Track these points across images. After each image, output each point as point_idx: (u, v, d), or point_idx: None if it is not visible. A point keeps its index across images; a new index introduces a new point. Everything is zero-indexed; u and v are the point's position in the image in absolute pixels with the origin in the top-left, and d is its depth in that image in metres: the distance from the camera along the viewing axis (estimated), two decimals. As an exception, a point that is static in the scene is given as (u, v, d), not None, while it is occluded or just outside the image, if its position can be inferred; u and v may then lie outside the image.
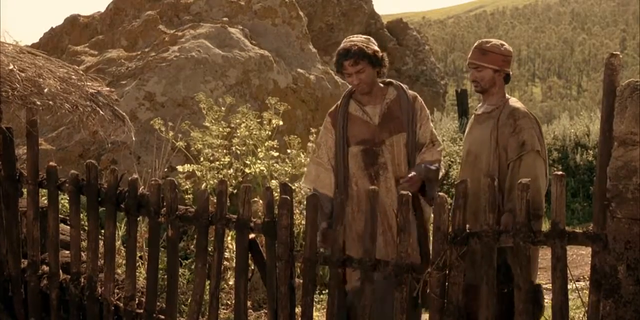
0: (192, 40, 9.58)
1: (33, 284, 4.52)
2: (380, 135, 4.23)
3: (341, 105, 4.32)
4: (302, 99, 10.13)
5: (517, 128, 4.04)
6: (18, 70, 4.48)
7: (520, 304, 3.33)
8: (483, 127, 4.16)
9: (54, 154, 8.14)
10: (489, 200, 3.35)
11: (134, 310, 4.22)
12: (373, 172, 4.23)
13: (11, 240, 4.59)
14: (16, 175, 4.60)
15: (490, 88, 4.19)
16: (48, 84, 4.54)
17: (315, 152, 4.40)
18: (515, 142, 4.02)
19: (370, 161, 4.23)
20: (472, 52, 4.19)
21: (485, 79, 4.16)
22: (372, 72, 4.21)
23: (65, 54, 10.68)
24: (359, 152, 4.25)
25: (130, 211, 4.23)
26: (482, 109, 4.27)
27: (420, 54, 19.57)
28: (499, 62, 4.14)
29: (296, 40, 10.88)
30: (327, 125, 4.35)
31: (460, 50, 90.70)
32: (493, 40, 4.24)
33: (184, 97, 8.84)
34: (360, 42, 4.18)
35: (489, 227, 3.34)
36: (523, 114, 4.09)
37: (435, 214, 3.38)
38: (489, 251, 3.37)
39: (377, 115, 4.26)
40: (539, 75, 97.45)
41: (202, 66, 9.14)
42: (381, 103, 4.27)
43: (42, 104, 4.43)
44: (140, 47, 10.35)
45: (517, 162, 4.02)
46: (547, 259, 5.40)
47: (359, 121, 4.27)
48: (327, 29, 17.15)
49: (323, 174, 4.32)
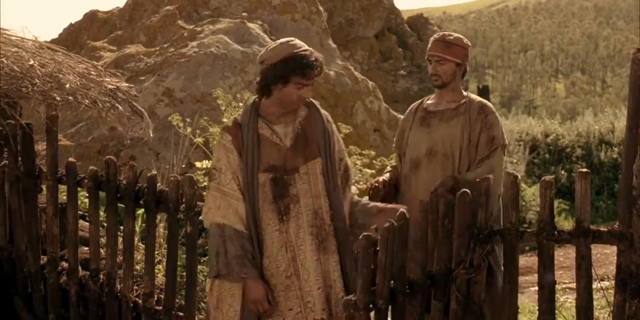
0: (211, 35, 9.57)
1: (52, 281, 4.52)
2: (293, 161, 3.42)
3: (249, 122, 3.43)
4: (322, 95, 10.08)
5: (487, 123, 3.95)
6: (38, 66, 4.48)
7: (544, 304, 3.28)
8: (451, 125, 3.99)
9: (73, 149, 8.16)
10: (512, 198, 3.29)
11: (153, 307, 4.21)
12: (282, 206, 3.40)
13: (30, 237, 4.60)
14: (35, 171, 4.61)
15: (450, 83, 4.03)
16: (68, 79, 4.54)
17: (216, 178, 3.40)
18: (486, 138, 3.93)
19: (280, 193, 3.40)
20: (434, 44, 4.02)
21: (448, 72, 4.00)
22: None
23: (84, 49, 10.71)
24: (267, 181, 3.40)
25: (149, 207, 4.21)
26: (442, 106, 4.06)
27: (440, 50, 19.43)
28: (461, 56, 4.00)
29: (316, 36, 10.84)
30: (226, 145, 3.41)
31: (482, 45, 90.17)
32: (455, 34, 4.08)
33: (202, 93, 8.83)
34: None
35: (512, 226, 3.29)
36: (491, 110, 4.01)
37: (458, 212, 3.32)
38: (511, 250, 3.32)
39: (289, 136, 3.44)
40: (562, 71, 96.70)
41: (221, 62, 9.12)
42: (293, 122, 3.46)
43: (61, 99, 4.44)
44: (159, 42, 10.35)
45: (486, 158, 3.95)
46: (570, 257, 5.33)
47: (268, 143, 3.42)
48: (347, 24, 17.08)
49: (235, 204, 3.37)
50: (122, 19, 12.18)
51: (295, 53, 3.31)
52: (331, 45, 11.11)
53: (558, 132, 15.85)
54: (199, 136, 6.82)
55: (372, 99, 10.83)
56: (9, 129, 4.53)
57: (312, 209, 3.42)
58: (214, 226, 3.36)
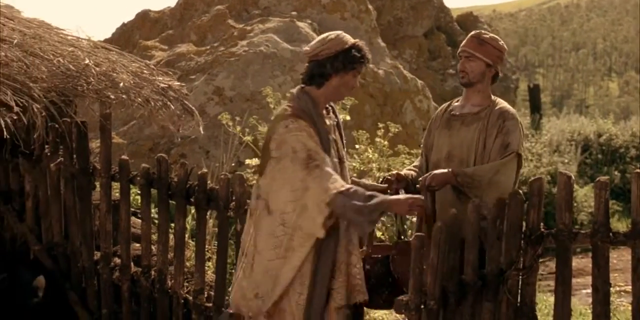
0: (261, 34, 9.62)
1: (105, 276, 4.60)
2: (341, 151, 3.60)
3: (315, 110, 3.49)
4: (370, 94, 10.05)
5: (504, 129, 3.72)
6: (93, 65, 4.55)
7: (598, 306, 3.22)
8: (470, 130, 3.79)
9: (126, 147, 8.29)
10: (565, 198, 3.24)
11: (203, 304, 4.24)
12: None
13: (84, 233, 4.68)
14: (90, 168, 4.68)
15: (477, 83, 3.81)
16: (121, 78, 4.60)
17: (316, 159, 3.35)
18: (500, 144, 3.69)
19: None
20: (468, 39, 3.84)
21: (476, 71, 3.79)
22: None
23: (136, 48, 10.86)
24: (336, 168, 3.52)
25: (199, 205, 4.26)
26: (466, 109, 3.86)
27: (490, 48, 19.21)
28: (493, 57, 3.80)
29: (365, 34, 10.80)
30: (306, 129, 3.38)
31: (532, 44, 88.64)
32: (492, 34, 3.89)
33: (252, 91, 8.88)
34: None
35: (565, 227, 3.23)
36: (512, 116, 3.76)
37: (509, 213, 3.28)
38: (564, 251, 3.26)
39: (332, 128, 3.59)
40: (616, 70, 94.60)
41: (271, 61, 9.16)
42: (329, 115, 3.61)
43: (115, 98, 4.50)
44: (209, 41, 10.44)
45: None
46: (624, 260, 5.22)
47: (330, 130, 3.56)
48: (396, 23, 16.99)
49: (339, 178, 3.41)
50: (173, 19, 12.32)
51: (354, 44, 3.50)
52: (380, 44, 11.07)
53: (611, 131, 15.54)
54: (249, 135, 6.86)
55: (421, 97, 10.76)
56: (64, 126, 4.61)
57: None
58: (339, 197, 3.27)
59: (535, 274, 3.26)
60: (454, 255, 3.27)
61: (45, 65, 4.40)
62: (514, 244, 3.26)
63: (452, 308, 3.30)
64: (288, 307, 3.43)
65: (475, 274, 3.30)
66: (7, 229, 4.96)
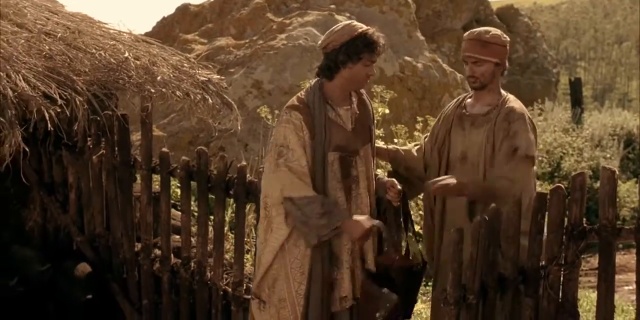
0: (300, 28, 9.63)
1: (146, 267, 4.65)
2: (354, 143, 3.55)
3: (318, 103, 3.50)
4: (409, 88, 10.01)
5: (510, 132, 3.55)
6: (133, 58, 4.59)
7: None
8: (480, 133, 3.64)
9: (165, 140, 8.37)
10: (608, 194, 3.19)
11: (242, 295, 4.27)
12: (347, 185, 3.53)
13: (126, 224, 4.74)
14: (131, 161, 4.73)
15: (489, 83, 3.68)
16: (161, 71, 4.64)
17: (284, 155, 3.44)
18: (507, 148, 3.55)
19: (345, 172, 3.52)
20: (469, 43, 3.66)
21: (486, 74, 3.64)
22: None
23: (176, 42, 10.95)
24: (336, 160, 3.50)
25: (238, 198, 4.28)
26: (476, 109, 3.73)
27: (531, 41, 18.98)
28: (500, 55, 3.65)
29: (404, 28, 10.75)
30: (296, 123, 3.43)
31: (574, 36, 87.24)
32: (492, 30, 3.69)
33: (290, 84, 8.90)
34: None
35: (609, 222, 3.18)
36: (517, 116, 3.60)
37: (553, 208, 3.24)
38: (607, 247, 3.21)
39: (350, 119, 3.57)
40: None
41: (309, 54, 9.17)
42: (351, 106, 3.58)
43: (155, 91, 4.54)
44: (248, 35, 10.49)
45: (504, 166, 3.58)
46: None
47: (334, 125, 3.52)
48: (435, 16, 16.87)
49: (304, 179, 3.43)
50: (213, 12, 12.39)
51: (361, 32, 3.45)
52: (419, 37, 11.01)
53: (654, 126, 15.24)
54: (287, 128, 6.86)
55: (460, 91, 10.67)
56: (106, 119, 4.67)
57: (368, 191, 3.58)
58: (288, 203, 3.42)
59: (577, 270, 3.21)
60: (493, 249, 3.25)
61: (87, 58, 4.46)
62: (556, 239, 3.22)
63: (492, 303, 3.27)
64: (288, 296, 3.49)
65: (515, 269, 3.27)
66: (50, 220, 5.04)
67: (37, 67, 4.15)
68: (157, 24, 13.57)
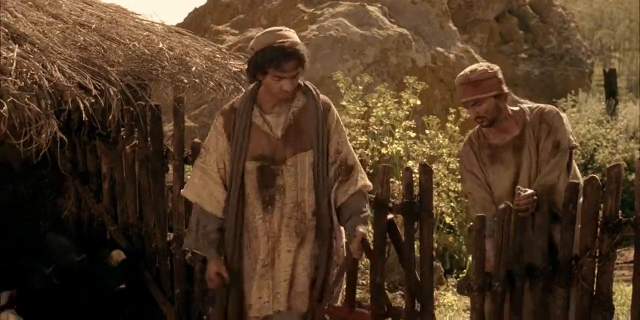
0: (331, 18, 9.60)
1: (178, 257, 4.67)
2: (282, 152, 3.42)
3: (244, 108, 3.44)
4: (441, 79, 9.94)
5: (551, 128, 3.53)
6: (167, 49, 4.63)
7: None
8: (525, 151, 3.58)
9: (197, 131, 8.42)
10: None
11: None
12: (268, 195, 3.43)
13: (158, 214, 4.77)
14: (163, 151, 4.76)
15: (499, 115, 3.58)
16: (194, 62, 4.67)
17: (202, 157, 3.54)
18: (550, 144, 3.53)
19: (266, 182, 3.43)
20: (460, 89, 3.58)
21: (490, 110, 3.54)
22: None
23: (208, 33, 10.99)
24: (254, 170, 3.44)
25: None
26: (507, 137, 3.63)
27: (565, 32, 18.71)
28: (495, 86, 3.55)
29: (435, 18, 10.67)
30: (217, 127, 3.50)
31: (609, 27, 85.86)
32: (475, 67, 3.60)
33: (321, 76, 8.88)
34: (297, 41, 3.42)
35: (645, 215, 3.14)
36: (549, 112, 3.58)
37: (587, 199, 3.21)
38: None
39: (280, 126, 3.42)
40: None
41: (340, 45, 9.15)
42: (287, 112, 3.42)
43: (188, 82, 4.57)
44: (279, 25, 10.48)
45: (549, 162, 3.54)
46: None
47: (259, 132, 3.43)
48: (467, 7, 16.70)
49: (212, 187, 3.49)
50: (244, 3, 12.41)
51: (271, 44, 3.31)
52: (452, 27, 10.92)
53: (690, 118, 14.97)
54: (318, 119, 6.86)
55: (492, 82, 10.57)
56: (139, 110, 4.70)
57: (295, 202, 3.42)
58: (193, 202, 3.60)
59: (612, 263, 3.18)
60: (520, 237, 3.25)
61: (121, 49, 4.50)
62: (590, 230, 3.19)
63: (519, 291, 3.27)
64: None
65: (544, 259, 3.25)
66: (85, 210, 5.11)
67: (72, 58, 4.19)
68: (189, 15, 13.62)
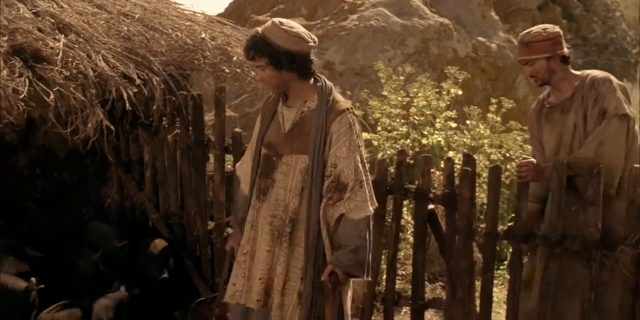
0: (371, 8, 9.54)
1: (219, 245, 4.71)
2: (283, 146, 3.34)
3: (275, 95, 3.43)
4: (482, 69, 9.82)
5: (599, 96, 3.67)
6: (209, 39, 4.65)
7: None
8: (571, 115, 3.75)
9: (238, 120, 8.45)
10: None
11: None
12: (263, 185, 3.36)
13: (199, 203, 4.81)
14: (204, 140, 4.79)
15: (552, 76, 3.81)
16: (236, 52, 4.68)
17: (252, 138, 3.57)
18: (597, 112, 3.65)
19: (266, 172, 3.37)
20: (518, 49, 3.90)
21: (541, 70, 3.79)
22: (275, 73, 3.25)
23: (248, 23, 11.00)
24: (263, 156, 3.41)
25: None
26: (560, 97, 3.84)
27: (609, 21, 18.35)
28: (547, 49, 3.77)
29: (477, 8, 10.54)
30: (261, 109, 3.55)
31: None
32: (533, 29, 3.84)
33: (362, 66, 8.84)
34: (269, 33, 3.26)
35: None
36: (602, 80, 3.72)
37: (629, 187, 3.16)
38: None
39: (290, 121, 3.34)
40: None
41: (381, 35, 9.08)
42: (298, 108, 3.33)
43: (230, 71, 4.59)
44: (319, 16, 10.46)
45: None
46: None
47: (276, 121, 3.39)
48: (509, -5, 16.48)
49: (246, 166, 3.53)
50: (284, -7, 12.39)
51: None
52: (493, 17, 10.78)
53: None
54: (358, 109, 6.85)
55: (535, 72, 10.43)
56: (181, 99, 4.73)
57: (282, 201, 3.29)
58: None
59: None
60: None
61: (164, 39, 4.54)
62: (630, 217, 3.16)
63: None
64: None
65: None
66: (127, 198, 5.17)
67: (116, 48, 4.24)
68: (230, 5, 13.65)
